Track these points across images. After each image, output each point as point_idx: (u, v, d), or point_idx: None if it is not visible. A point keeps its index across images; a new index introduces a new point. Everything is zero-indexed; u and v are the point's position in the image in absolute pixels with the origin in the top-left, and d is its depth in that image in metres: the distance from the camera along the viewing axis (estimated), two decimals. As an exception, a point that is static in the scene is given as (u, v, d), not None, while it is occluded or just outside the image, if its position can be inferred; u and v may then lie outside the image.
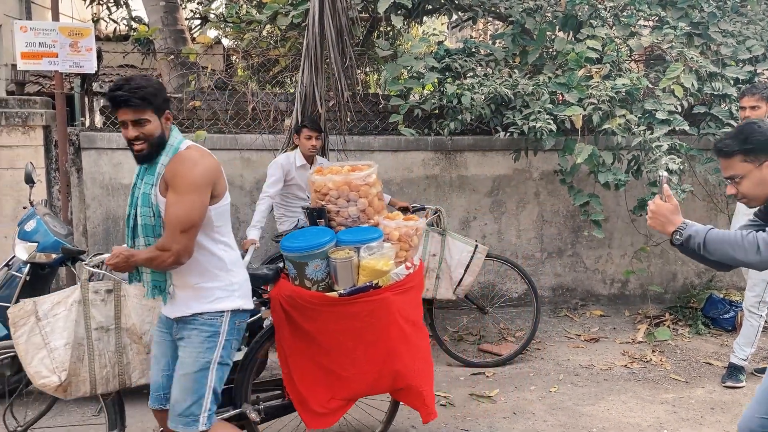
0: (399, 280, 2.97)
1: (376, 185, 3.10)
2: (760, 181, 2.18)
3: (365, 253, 2.89)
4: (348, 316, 2.92)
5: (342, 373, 2.98)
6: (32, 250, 3.73)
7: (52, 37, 4.72)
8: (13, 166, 4.81)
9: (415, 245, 3.11)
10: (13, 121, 4.78)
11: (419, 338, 3.09)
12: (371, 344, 2.95)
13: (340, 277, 2.90)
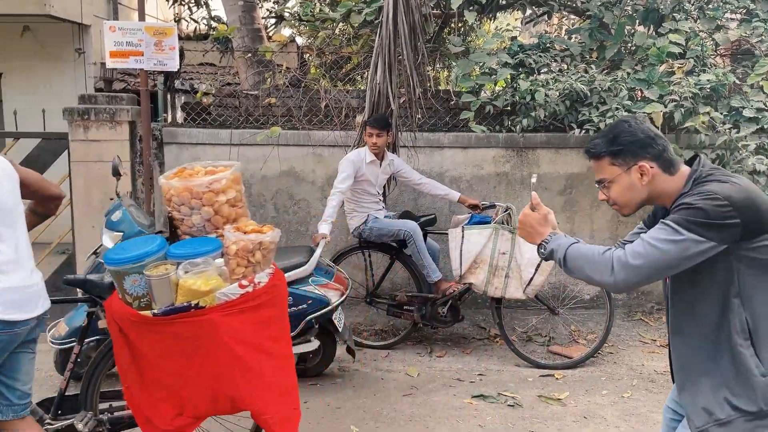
0: (230, 300, 2.61)
1: (227, 191, 2.76)
2: (630, 187, 1.90)
3: (182, 270, 2.57)
4: (170, 336, 2.62)
5: (179, 391, 2.71)
6: (118, 240, 3.94)
7: (138, 36, 4.96)
8: (101, 159, 5.08)
9: (257, 261, 2.70)
10: (101, 117, 5.05)
11: (264, 362, 2.73)
12: (201, 366, 2.66)
13: (156, 295, 2.59)
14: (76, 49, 8.74)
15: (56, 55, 8.69)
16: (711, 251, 1.74)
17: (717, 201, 1.73)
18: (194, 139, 5.33)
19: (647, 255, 1.76)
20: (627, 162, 1.88)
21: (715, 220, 1.72)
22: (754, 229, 1.74)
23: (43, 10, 7.79)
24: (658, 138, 1.88)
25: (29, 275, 2.53)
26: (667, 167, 1.87)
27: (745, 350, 1.78)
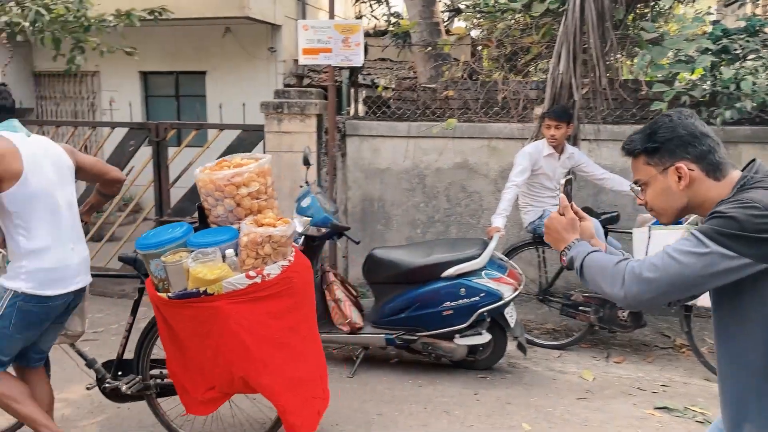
0: (237, 289, 2.72)
1: (249, 184, 2.84)
2: (665, 191, 1.62)
3: (192, 258, 2.71)
4: (189, 318, 2.79)
5: (206, 368, 2.88)
6: (306, 224, 4.21)
7: (328, 33, 5.25)
8: (291, 149, 5.48)
9: (266, 253, 2.77)
10: (293, 110, 5.44)
11: (274, 352, 2.82)
12: (215, 348, 2.80)
13: (172, 280, 2.78)
14: (269, 48, 9.50)
15: (253, 54, 9.51)
16: (744, 270, 1.45)
17: (754, 210, 1.44)
18: (374, 131, 5.55)
19: (664, 268, 1.50)
20: (663, 162, 1.62)
21: (750, 233, 1.43)
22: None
23: (243, 13, 8.56)
24: (704, 137, 1.60)
25: (67, 255, 2.78)
26: (712, 171, 1.59)
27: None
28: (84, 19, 5.90)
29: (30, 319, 2.74)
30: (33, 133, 2.85)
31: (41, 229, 2.72)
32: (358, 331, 4.22)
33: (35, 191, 2.68)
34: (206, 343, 2.84)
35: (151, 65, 9.66)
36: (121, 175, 3.20)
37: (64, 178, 2.83)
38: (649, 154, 1.64)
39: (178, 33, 9.40)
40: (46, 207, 2.73)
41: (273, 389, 2.86)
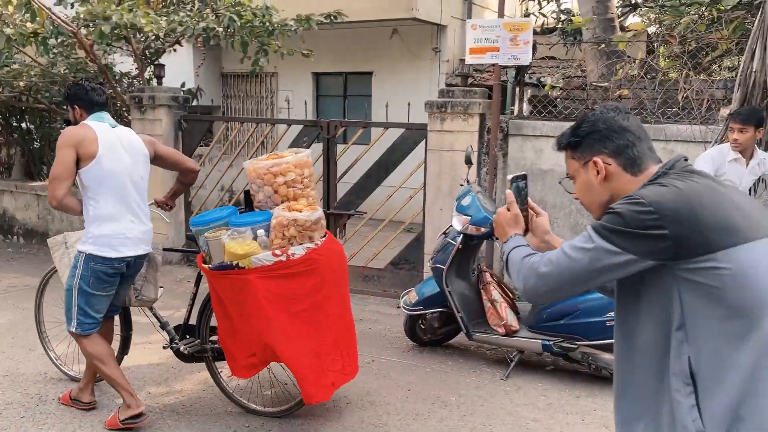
0: (264, 265, 3.09)
1: (286, 174, 3.23)
2: (587, 184, 1.61)
3: (227, 236, 3.13)
4: (227, 288, 3.21)
5: (247, 336, 3.24)
6: (466, 223, 4.25)
7: (496, 32, 5.22)
8: (452, 148, 5.52)
9: (291, 235, 3.15)
10: (456, 110, 5.48)
11: (296, 325, 3.16)
12: (249, 318, 3.18)
13: (212, 254, 3.23)
14: (433, 48, 9.63)
15: (417, 54, 9.71)
16: (630, 266, 1.44)
17: (639, 206, 1.42)
18: (537, 131, 5.43)
19: (557, 263, 1.53)
20: (584, 156, 1.61)
21: (633, 229, 1.42)
22: (692, 246, 1.38)
23: (410, 14, 8.77)
24: (623, 131, 1.56)
25: (126, 226, 3.29)
26: (629, 165, 1.56)
27: (683, 399, 1.42)
28: (269, 24, 6.40)
29: (101, 277, 3.29)
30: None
31: (107, 202, 3.26)
32: (513, 334, 4.16)
33: (106, 171, 3.22)
34: (243, 311, 3.21)
35: (322, 66, 10.23)
36: (196, 166, 3.71)
37: (136, 164, 3.34)
38: (573, 148, 1.64)
39: (347, 35, 9.86)
40: (114, 185, 3.26)
41: (292, 359, 3.17)
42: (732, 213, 1.42)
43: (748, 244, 1.39)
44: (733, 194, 1.48)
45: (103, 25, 5.72)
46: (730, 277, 1.38)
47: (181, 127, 6.84)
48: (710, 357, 1.41)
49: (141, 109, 6.78)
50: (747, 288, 1.38)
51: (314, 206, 3.25)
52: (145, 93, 6.76)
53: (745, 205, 1.47)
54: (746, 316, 1.39)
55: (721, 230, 1.39)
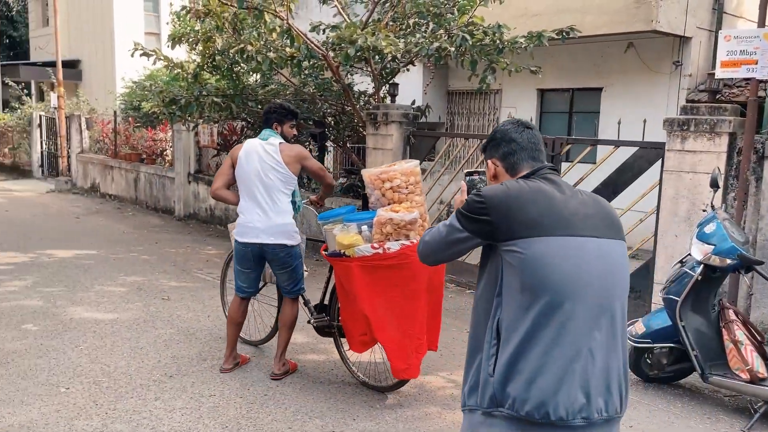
0: (364, 255, 3.65)
1: (392, 180, 3.73)
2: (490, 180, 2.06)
3: (338, 228, 3.80)
4: (340, 271, 3.83)
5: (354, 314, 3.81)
6: (708, 252, 3.86)
7: (754, 44, 4.68)
8: (693, 170, 5.05)
9: (387, 232, 3.66)
10: (701, 128, 5.01)
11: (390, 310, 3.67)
12: (353, 299, 3.76)
13: (328, 242, 3.93)
14: (674, 62, 8.92)
15: (654, 69, 9.07)
16: (468, 242, 1.90)
17: (477, 197, 1.87)
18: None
19: (432, 234, 2.02)
20: (487, 158, 2.06)
21: (470, 213, 1.87)
22: (504, 231, 1.80)
23: (650, 26, 8.24)
24: (512, 142, 1.98)
25: (254, 218, 4.01)
26: (510, 168, 1.99)
27: (489, 349, 1.82)
28: (499, 42, 6.49)
29: (239, 256, 4.15)
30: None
31: (244, 197, 4.09)
32: (760, 381, 3.68)
33: (243, 173, 4.05)
34: (351, 293, 3.77)
35: (548, 83, 10.06)
36: (332, 183, 4.43)
37: (264, 170, 4.00)
38: (483, 151, 2.10)
39: (577, 50, 9.58)
40: (248, 185, 4.04)
41: (383, 336, 3.68)
42: (541, 212, 1.80)
43: (544, 238, 1.77)
44: (562, 197, 1.84)
45: (349, 48, 6.28)
46: (524, 260, 1.77)
47: (409, 142, 7.23)
48: (508, 320, 1.79)
49: (375, 125, 7.30)
50: (534, 271, 1.76)
51: (413, 209, 3.70)
52: (380, 110, 7.27)
53: (569, 207, 1.82)
54: (531, 292, 1.76)
55: (524, 223, 1.79)
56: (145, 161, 12.37)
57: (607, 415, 1.78)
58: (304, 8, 11.55)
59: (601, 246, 1.82)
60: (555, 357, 1.73)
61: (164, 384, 4.08)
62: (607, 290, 1.80)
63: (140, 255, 7.97)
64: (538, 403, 1.71)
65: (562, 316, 1.74)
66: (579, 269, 1.77)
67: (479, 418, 1.84)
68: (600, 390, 1.76)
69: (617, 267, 1.84)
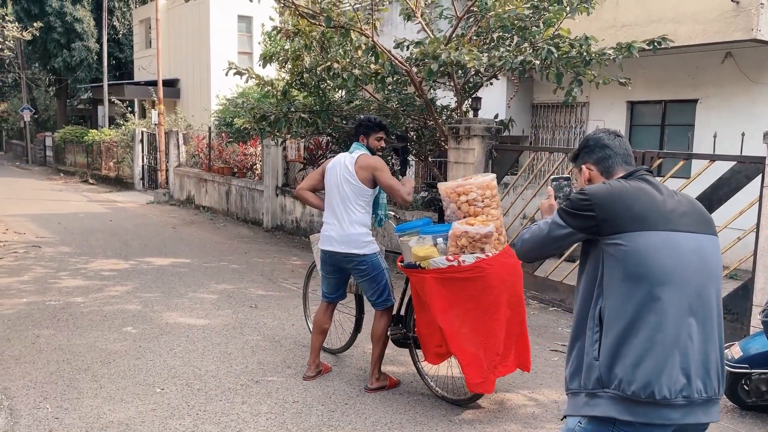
0: (439, 267, 3.68)
1: (468, 194, 3.75)
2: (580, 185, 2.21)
3: (414, 240, 3.82)
4: (415, 282, 3.88)
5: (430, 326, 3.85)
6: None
7: None
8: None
9: (462, 245, 3.66)
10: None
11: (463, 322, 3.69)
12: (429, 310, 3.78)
13: (404, 254, 3.97)
14: (778, 71, 8.40)
15: (754, 79, 8.58)
16: (572, 237, 2.07)
17: (582, 195, 2.04)
18: None
19: (533, 231, 2.18)
20: (578, 164, 2.24)
21: (574, 210, 2.04)
22: (608, 226, 1.97)
23: (749, 35, 7.82)
24: (606, 147, 2.16)
25: (330, 227, 4.18)
26: (605, 172, 2.16)
27: (592, 335, 1.98)
28: (586, 54, 6.36)
29: (321, 263, 4.37)
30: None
31: (327, 207, 4.28)
32: None
33: (327, 184, 4.25)
34: (426, 305, 3.80)
35: (638, 94, 9.72)
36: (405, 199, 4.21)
37: (341, 181, 4.14)
38: (573, 159, 2.27)
39: (669, 61, 9.21)
40: (329, 195, 4.24)
41: (458, 349, 3.69)
42: (644, 208, 1.97)
43: (646, 232, 1.94)
44: (660, 196, 2.00)
45: (432, 63, 6.35)
46: (628, 252, 1.93)
47: (491, 156, 7.19)
48: (612, 308, 1.94)
49: (457, 139, 7.32)
50: (637, 262, 1.92)
51: (489, 223, 3.71)
52: (462, 124, 7.28)
53: (667, 205, 1.99)
54: (634, 282, 1.92)
55: (628, 218, 1.95)
56: (236, 175, 12.95)
57: (707, 396, 1.92)
58: (389, 25, 11.77)
59: (697, 240, 1.98)
60: (658, 341, 1.89)
61: (250, 388, 4.25)
62: (703, 281, 1.96)
63: (230, 264, 8.34)
64: (645, 383, 1.87)
65: (664, 303, 1.90)
66: (678, 261, 1.93)
67: (583, 399, 1.99)
68: (699, 372, 1.90)
69: (712, 260, 2.00)
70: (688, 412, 1.90)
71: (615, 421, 1.92)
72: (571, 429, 2.02)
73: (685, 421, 1.90)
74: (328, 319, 4.45)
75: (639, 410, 1.88)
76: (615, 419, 1.91)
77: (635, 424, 1.90)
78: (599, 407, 1.93)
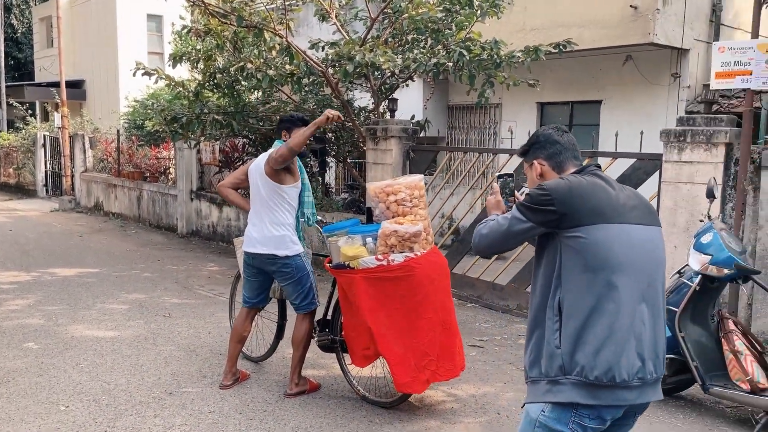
0: (368, 267, 3.68)
1: (396, 193, 3.77)
2: (531, 180, 2.28)
3: (342, 241, 3.81)
4: (343, 284, 3.84)
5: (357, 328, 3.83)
6: (705, 263, 3.86)
7: (749, 55, 4.71)
8: (691, 181, 5.06)
9: (391, 244, 3.69)
10: (697, 139, 5.03)
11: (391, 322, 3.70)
12: (356, 311, 3.77)
13: (332, 255, 3.93)
14: (672, 74, 8.95)
15: (653, 81, 9.11)
16: (532, 231, 2.13)
17: (541, 190, 2.11)
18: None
19: (491, 226, 2.22)
20: (529, 159, 2.29)
21: (535, 205, 2.10)
22: (568, 220, 2.04)
23: (647, 39, 8.29)
24: (556, 143, 2.24)
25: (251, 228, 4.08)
26: (556, 167, 2.24)
27: (552, 325, 2.07)
28: (496, 57, 6.54)
29: (243, 266, 4.23)
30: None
31: (251, 208, 4.15)
32: (761, 392, 3.65)
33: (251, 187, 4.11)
34: (355, 306, 3.75)
35: (547, 96, 10.11)
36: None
37: (259, 180, 4.04)
38: (523, 154, 2.33)
39: (576, 64, 9.63)
40: (253, 197, 4.12)
41: (386, 349, 3.69)
42: (601, 202, 2.06)
43: (604, 225, 2.03)
44: (613, 191, 2.10)
45: (348, 64, 6.34)
46: (586, 244, 2.02)
47: (409, 156, 7.26)
48: (571, 298, 2.03)
49: (375, 140, 7.34)
50: (596, 254, 2.01)
51: (417, 222, 3.73)
52: (379, 125, 7.32)
53: (619, 199, 2.09)
54: (592, 273, 2.01)
55: (587, 212, 2.03)
56: (148, 179, 12.45)
57: (656, 376, 2.08)
58: (304, 25, 11.67)
59: (646, 232, 2.11)
60: (616, 328, 2.00)
61: (164, 401, 4.08)
62: (652, 269, 2.09)
63: (142, 272, 8.00)
64: (606, 368, 1.97)
65: (620, 292, 2.01)
66: (631, 252, 2.04)
67: (545, 387, 2.07)
68: (651, 355, 2.04)
69: (658, 250, 2.14)
70: (642, 392, 2.04)
71: (577, 406, 2.01)
72: (533, 419, 2.08)
73: (639, 401, 2.04)
74: (249, 326, 4.33)
75: (600, 394, 1.99)
76: (577, 404, 2.00)
77: (596, 407, 2.00)
78: (562, 393, 2.02)
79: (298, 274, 4.10)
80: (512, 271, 6.34)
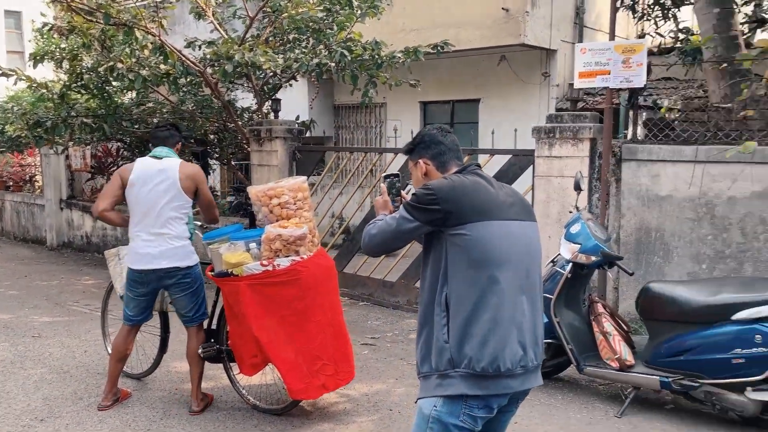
0: (254, 273, 3.56)
1: (280, 197, 3.68)
2: (416, 178, 2.38)
3: (224, 247, 3.68)
4: (228, 293, 3.71)
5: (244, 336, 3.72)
6: (575, 251, 4.12)
7: (607, 56, 5.07)
8: (561, 174, 5.39)
9: (276, 248, 3.60)
10: (565, 135, 5.36)
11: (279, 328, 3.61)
12: (242, 319, 3.65)
13: (214, 263, 3.79)
14: (543, 73, 9.49)
15: (526, 80, 9.61)
16: (419, 230, 2.18)
17: (427, 190, 2.16)
18: (654, 155, 5.17)
19: (380, 227, 2.24)
20: (415, 158, 2.36)
21: (421, 204, 2.15)
22: (453, 218, 2.11)
23: (519, 40, 8.73)
24: (440, 144, 2.32)
25: (148, 244, 3.77)
26: (440, 166, 2.31)
27: (440, 321, 2.12)
28: (378, 57, 6.60)
29: (132, 283, 3.89)
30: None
31: (136, 221, 3.83)
32: (628, 369, 3.95)
33: (136, 196, 3.79)
34: (240, 314, 3.66)
35: (429, 95, 10.37)
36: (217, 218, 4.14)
37: (165, 191, 3.77)
38: (408, 153, 2.40)
39: (454, 64, 9.95)
40: (143, 208, 3.79)
41: (276, 357, 3.59)
42: (482, 200, 2.15)
43: (486, 222, 2.12)
44: (493, 189, 2.21)
45: (227, 64, 6.15)
46: (470, 241, 2.10)
47: (295, 157, 7.18)
48: (457, 293, 2.11)
49: (259, 142, 7.19)
50: (480, 250, 2.10)
51: (302, 225, 3.67)
52: (263, 126, 7.17)
53: (499, 197, 2.19)
54: (476, 268, 2.10)
55: (471, 210, 2.12)
56: (10, 189, 11.46)
57: (537, 363, 2.20)
58: (180, 23, 11.20)
59: (523, 227, 2.21)
60: (499, 320, 2.09)
61: (34, 429, 3.76)
62: (530, 262, 2.20)
63: (7, 290, 7.34)
64: (492, 359, 2.06)
65: (502, 285, 2.11)
66: (511, 246, 2.15)
67: (435, 381, 2.14)
68: (531, 344, 2.15)
69: (534, 244, 2.25)
70: (525, 379, 2.15)
71: (467, 398, 2.09)
72: (426, 415, 2.14)
73: (522, 388, 2.16)
74: (131, 344, 4.08)
75: (487, 384, 2.08)
76: (466, 395, 2.08)
77: (483, 396, 2.09)
78: (452, 387, 2.09)
79: (195, 284, 3.94)
80: (402, 267, 6.45)
